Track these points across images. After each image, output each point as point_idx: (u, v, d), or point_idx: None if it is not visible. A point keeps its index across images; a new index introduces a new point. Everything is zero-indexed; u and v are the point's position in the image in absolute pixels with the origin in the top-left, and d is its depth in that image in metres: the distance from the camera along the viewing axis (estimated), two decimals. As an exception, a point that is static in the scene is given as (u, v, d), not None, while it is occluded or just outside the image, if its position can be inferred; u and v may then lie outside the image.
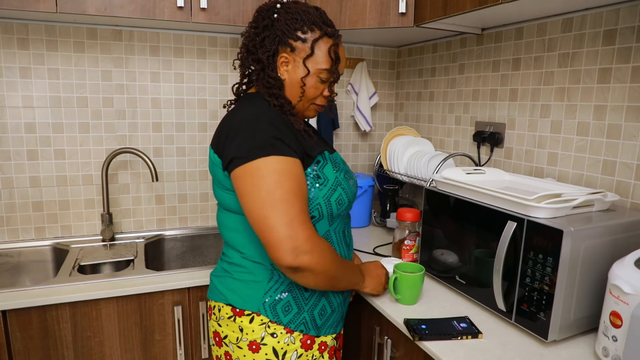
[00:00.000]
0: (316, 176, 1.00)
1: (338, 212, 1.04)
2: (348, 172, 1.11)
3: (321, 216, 1.02)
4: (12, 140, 1.67)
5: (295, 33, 1.00)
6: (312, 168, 1.00)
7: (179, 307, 1.41)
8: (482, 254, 1.16)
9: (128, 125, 1.81)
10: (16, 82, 1.64)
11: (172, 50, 1.81)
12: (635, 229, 1.06)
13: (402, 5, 1.49)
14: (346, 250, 1.13)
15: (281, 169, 0.90)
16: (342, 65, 1.06)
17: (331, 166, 1.04)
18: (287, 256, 0.88)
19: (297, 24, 1.00)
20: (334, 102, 1.22)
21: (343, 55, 1.07)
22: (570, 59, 1.34)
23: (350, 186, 1.08)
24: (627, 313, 0.85)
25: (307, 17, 1.01)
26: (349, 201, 1.07)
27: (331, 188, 1.01)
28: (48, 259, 1.73)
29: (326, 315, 1.08)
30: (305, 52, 1.01)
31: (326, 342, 1.09)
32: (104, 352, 1.36)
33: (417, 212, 1.49)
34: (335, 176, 1.03)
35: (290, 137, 0.95)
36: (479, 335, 1.03)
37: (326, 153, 1.05)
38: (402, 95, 2.21)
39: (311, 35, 1.01)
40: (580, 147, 1.33)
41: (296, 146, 0.95)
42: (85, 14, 1.43)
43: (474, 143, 1.73)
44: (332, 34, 1.03)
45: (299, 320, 1.03)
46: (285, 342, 1.02)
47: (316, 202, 1.00)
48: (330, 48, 1.02)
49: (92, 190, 1.80)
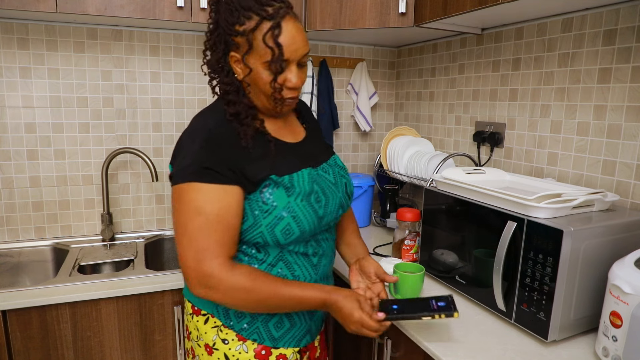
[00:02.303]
0: (261, 202, 0.90)
1: (286, 242, 0.93)
2: (316, 194, 0.96)
3: (267, 244, 0.93)
4: (12, 140, 1.67)
5: (234, 28, 0.87)
6: (257, 192, 0.91)
7: (179, 307, 1.41)
8: (482, 254, 1.16)
9: (128, 125, 1.81)
10: (16, 82, 1.64)
11: (172, 50, 1.81)
12: (635, 229, 1.06)
13: (402, 5, 1.49)
14: (312, 271, 1.01)
15: (203, 198, 0.86)
16: (290, 47, 0.87)
17: (283, 191, 0.91)
18: (194, 287, 0.87)
19: (233, 16, 0.87)
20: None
21: (290, 35, 0.87)
22: (570, 59, 1.34)
23: (310, 213, 0.93)
24: (627, 313, 0.85)
25: (242, 4, 0.86)
26: (303, 231, 0.93)
27: (276, 217, 0.90)
28: (48, 259, 1.73)
29: (284, 328, 0.99)
30: (244, 48, 0.88)
31: (286, 355, 1.00)
32: (104, 352, 1.36)
33: (417, 212, 1.49)
34: (287, 202, 0.90)
35: (224, 162, 0.87)
36: (454, 314, 0.93)
37: (273, 177, 0.91)
38: (402, 95, 2.21)
39: (248, 25, 0.86)
40: (580, 147, 1.33)
41: (230, 172, 0.87)
42: (85, 14, 1.42)
43: (474, 143, 1.73)
44: (272, 15, 0.85)
45: (252, 328, 0.97)
46: (237, 350, 0.97)
47: (258, 230, 0.91)
48: (266, 35, 0.85)
49: (92, 190, 1.80)
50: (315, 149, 1.07)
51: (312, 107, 1.98)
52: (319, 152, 1.07)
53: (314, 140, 1.09)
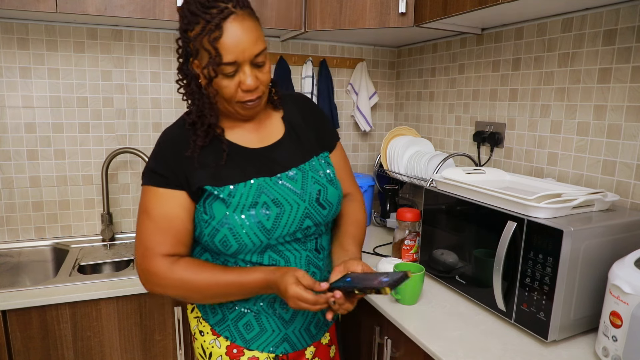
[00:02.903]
0: (202, 212, 0.92)
1: (227, 252, 0.92)
2: (264, 205, 0.91)
3: (219, 252, 0.93)
4: (12, 140, 1.67)
5: (187, 34, 0.86)
6: (201, 202, 0.92)
7: (179, 307, 1.41)
8: (482, 254, 1.16)
9: (128, 125, 1.81)
10: (16, 82, 1.64)
11: (172, 50, 1.81)
12: (635, 229, 1.06)
13: (402, 5, 1.49)
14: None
15: (151, 200, 0.92)
16: (235, 48, 0.83)
17: (220, 203, 0.90)
18: (143, 283, 0.94)
19: (184, 22, 0.86)
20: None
21: (234, 35, 0.83)
22: (570, 59, 1.34)
23: (252, 226, 0.89)
24: (627, 313, 0.85)
25: (190, 9, 0.84)
26: (242, 244, 0.90)
27: (214, 228, 0.90)
28: (48, 259, 1.73)
29: (254, 331, 0.98)
30: (197, 54, 0.87)
31: (258, 358, 0.99)
32: (104, 352, 1.36)
33: (417, 212, 1.49)
34: (225, 215, 0.89)
35: (170, 168, 0.90)
36: (381, 291, 0.81)
37: (208, 187, 0.90)
38: (402, 95, 2.21)
39: (195, 31, 0.84)
40: (580, 147, 1.33)
41: (175, 178, 0.90)
42: (85, 14, 1.42)
43: (474, 143, 1.73)
44: (213, 16, 0.82)
45: (223, 325, 0.99)
46: (211, 344, 1.01)
47: (204, 239, 0.93)
48: (204, 39, 0.83)
49: (92, 190, 1.80)
50: (288, 151, 1.00)
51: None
52: (291, 155, 0.99)
53: (295, 141, 1.02)
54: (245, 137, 0.98)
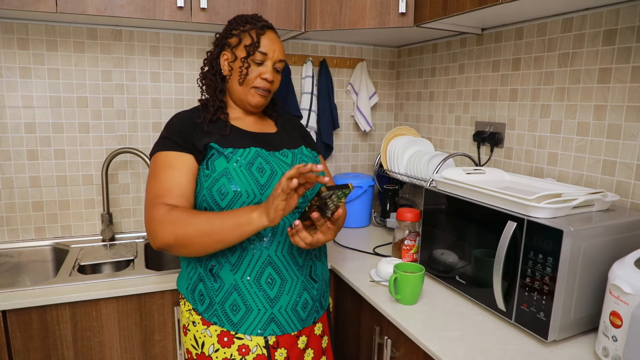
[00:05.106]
0: (205, 168, 1.05)
1: (222, 202, 1.01)
2: (260, 166, 1.04)
3: (210, 208, 1.03)
4: (12, 140, 1.67)
5: (231, 31, 1.14)
6: (204, 162, 1.06)
7: (179, 307, 1.41)
8: (482, 254, 1.16)
9: (128, 125, 1.81)
10: (16, 82, 1.64)
11: (172, 50, 1.81)
12: (635, 229, 1.06)
13: (402, 5, 1.49)
14: (236, 276, 1.03)
15: (159, 162, 1.04)
16: (269, 46, 1.11)
17: (223, 159, 1.04)
18: (151, 236, 0.99)
19: (232, 25, 1.15)
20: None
21: (270, 39, 1.12)
22: (570, 59, 1.34)
23: (246, 177, 1.01)
24: (627, 313, 0.85)
25: (242, 17, 1.15)
26: (236, 192, 1.00)
27: (215, 178, 1.02)
28: (48, 259, 1.73)
29: (240, 312, 1.03)
30: (234, 42, 1.12)
31: (248, 346, 1.02)
32: (104, 352, 1.36)
33: (417, 212, 1.49)
34: (225, 167, 1.03)
35: (180, 135, 1.06)
36: (326, 202, 0.86)
37: (214, 145, 1.05)
38: (402, 95, 2.21)
39: (244, 28, 1.13)
40: (580, 147, 1.33)
41: (184, 142, 1.05)
42: (85, 14, 1.42)
43: (474, 143, 1.73)
44: (259, 25, 1.13)
45: (211, 311, 1.05)
46: (203, 334, 1.06)
47: (202, 193, 1.04)
48: (252, 31, 1.11)
49: (92, 190, 1.80)
50: (281, 140, 1.17)
51: (312, 107, 1.98)
52: (283, 142, 1.16)
53: (286, 137, 1.19)
54: (245, 124, 1.17)
